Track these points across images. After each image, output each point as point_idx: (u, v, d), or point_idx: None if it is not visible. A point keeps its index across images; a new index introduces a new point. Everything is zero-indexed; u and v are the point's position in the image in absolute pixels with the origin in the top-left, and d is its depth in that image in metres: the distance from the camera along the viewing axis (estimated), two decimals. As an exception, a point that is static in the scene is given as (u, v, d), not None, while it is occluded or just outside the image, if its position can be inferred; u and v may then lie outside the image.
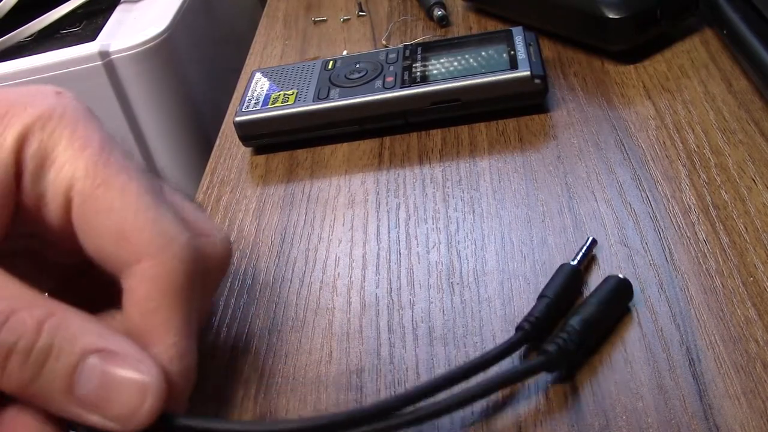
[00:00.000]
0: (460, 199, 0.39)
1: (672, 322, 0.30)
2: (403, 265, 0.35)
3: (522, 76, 0.42)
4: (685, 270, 0.32)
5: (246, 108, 0.45)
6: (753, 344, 0.28)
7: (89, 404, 0.24)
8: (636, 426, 0.26)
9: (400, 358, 0.31)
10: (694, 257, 0.32)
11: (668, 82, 0.43)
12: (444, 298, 0.33)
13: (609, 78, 0.45)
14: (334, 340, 0.33)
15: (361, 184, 0.41)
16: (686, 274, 0.32)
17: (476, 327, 0.32)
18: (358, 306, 0.34)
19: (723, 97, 0.41)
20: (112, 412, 0.24)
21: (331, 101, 0.44)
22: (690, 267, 0.32)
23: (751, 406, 0.26)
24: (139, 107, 0.62)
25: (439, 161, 0.42)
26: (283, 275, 0.37)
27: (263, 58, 0.58)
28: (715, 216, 0.34)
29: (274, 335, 0.34)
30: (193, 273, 0.27)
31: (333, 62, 0.48)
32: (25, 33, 0.64)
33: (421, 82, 0.43)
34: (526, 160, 0.40)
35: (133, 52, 0.60)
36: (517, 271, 0.34)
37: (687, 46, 0.46)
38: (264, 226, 0.40)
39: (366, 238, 0.38)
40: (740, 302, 0.30)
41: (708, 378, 0.27)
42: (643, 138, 0.39)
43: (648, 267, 0.32)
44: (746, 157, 0.37)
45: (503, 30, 0.46)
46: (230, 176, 0.45)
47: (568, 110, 0.43)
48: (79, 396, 0.24)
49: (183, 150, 0.66)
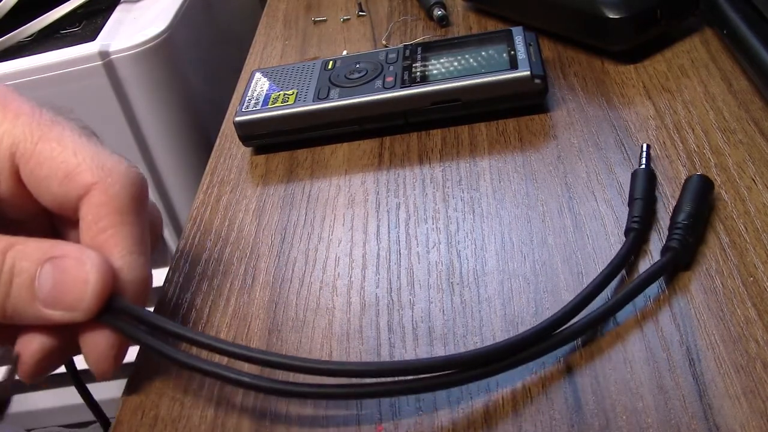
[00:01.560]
0: (460, 199, 0.39)
1: (672, 322, 0.30)
2: (403, 265, 0.35)
3: (522, 76, 0.42)
4: (685, 270, 0.32)
5: (246, 108, 0.45)
6: (753, 344, 0.28)
7: (50, 302, 0.28)
8: (636, 426, 0.26)
9: (400, 358, 0.31)
10: (694, 257, 0.32)
11: (668, 82, 0.43)
12: (444, 298, 0.33)
13: (609, 78, 0.45)
14: (334, 340, 0.33)
15: (361, 184, 0.41)
16: (686, 274, 0.32)
17: (476, 327, 0.32)
18: (358, 306, 0.34)
19: (723, 97, 0.41)
20: (67, 301, 0.28)
21: (331, 101, 0.44)
22: (690, 267, 0.32)
23: (751, 406, 0.26)
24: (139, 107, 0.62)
25: (439, 161, 0.42)
26: (283, 275, 0.37)
27: (263, 58, 0.58)
28: (715, 216, 0.34)
29: (274, 335, 0.34)
30: (135, 195, 0.30)
31: (333, 62, 0.48)
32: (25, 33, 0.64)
33: (421, 82, 0.43)
34: (526, 160, 0.40)
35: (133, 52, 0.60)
36: (517, 271, 0.34)
37: (687, 46, 0.46)
38: (264, 226, 0.40)
39: (366, 238, 0.38)
40: (740, 302, 0.30)
41: (708, 378, 0.27)
42: (643, 138, 0.39)
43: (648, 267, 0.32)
44: (746, 157, 0.37)
45: (503, 30, 0.46)
46: (230, 176, 0.45)
47: (568, 110, 0.43)
48: (42, 298, 0.28)
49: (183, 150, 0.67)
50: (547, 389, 0.29)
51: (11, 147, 0.29)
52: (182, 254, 0.39)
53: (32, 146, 0.29)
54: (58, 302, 0.28)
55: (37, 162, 0.29)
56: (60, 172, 0.29)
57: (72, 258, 0.28)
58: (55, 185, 0.29)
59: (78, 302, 0.28)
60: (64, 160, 0.29)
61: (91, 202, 0.29)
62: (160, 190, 0.67)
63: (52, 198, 0.30)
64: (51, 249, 0.29)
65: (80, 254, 0.29)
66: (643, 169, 0.36)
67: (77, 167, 0.29)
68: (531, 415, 0.28)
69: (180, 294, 0.37)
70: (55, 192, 0.30)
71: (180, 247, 0.40)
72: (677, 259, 0.32)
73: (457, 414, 0.28)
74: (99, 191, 0.29)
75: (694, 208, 0.33)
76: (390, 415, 0.29)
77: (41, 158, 0.29)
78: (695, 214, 0.33)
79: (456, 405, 0.29)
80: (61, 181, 0.29)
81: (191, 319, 0.35)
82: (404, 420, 0.29)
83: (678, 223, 0.32)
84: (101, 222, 0.29)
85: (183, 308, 0.36)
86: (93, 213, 0.29)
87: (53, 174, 0.29)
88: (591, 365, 0.29)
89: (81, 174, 0.29)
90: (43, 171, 0.29)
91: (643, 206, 0.34)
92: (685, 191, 0.34)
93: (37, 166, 0.29)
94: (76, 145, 0.30)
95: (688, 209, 0.33)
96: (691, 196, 0.33)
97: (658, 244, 0.33)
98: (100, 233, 0.29)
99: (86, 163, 0.30)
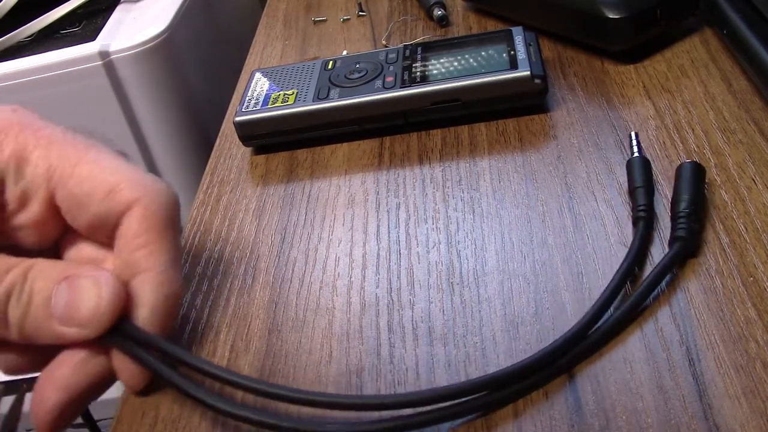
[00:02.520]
0: (460, 199, 0.39)
1: (672, 322, 0.30)
2: (403, 265, 0.35)
3: (522, 76, 0.42)
4: (685, 270, 0.32)
5: (246, 108, 0.45)
6: (753, 344, 0.28)
7: (65, 319, 0.29)
8: (636, 426, 0.26)
9: (400, 358, 0.31)
10: (694, 257, 0.32)
11: (668, 82, 0.43)
12: (444, 298, 0.33)
13: (609, 78, 0.45)
14: (334, 340, 0.33)
15: (361, 184, 0.41)
16: (686, 274, 0.32)
17: (476, 327, 0.32)
18: (358, 306, 0.34)
19: (723, 97, 0.41)
20: (80, 318, 0.29)
21: (331, 101, 0.44)
22: (690, 267, 0.32)
23: (751, 406, 0.26)
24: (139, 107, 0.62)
25: (439, 161, 0.42)
26: (283, 275, 0.37)
27: (263, 58, 0.58)
28: (715, 216, 0.34)
29: (274, 335, 0.34)
30: (173, 213, 0.32)
31: (333, 62, 0.48)
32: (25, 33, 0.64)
33: (421, 82, 0.43)
34: (526, 160, 0.40)
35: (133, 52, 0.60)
36: (517, 271, 0.34)
37: (687, 46, 0.46)
38: (264, 226, 0.40)
39: (366, 238, 0.38)
40: (740, 302, 0.30)
41: (708, 378, 0.27)
42: (643, 138, 0.39)
43: (648, 267, 0.32)
44: (746, 157, 0.37)
45: (503, 30, 0.46)
46: (230, 176, 0.45)
47: (568, 110, 0.43)
48: (57, 315, 0.29)
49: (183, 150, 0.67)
50: (547, 389, 0.29)
51: (48, 171, 0.30)
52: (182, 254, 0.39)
53: (71, 169, 0.30)
54: (72, 319, 0.29)
55: (78, 182, 0.30)
56: (101, 191, 0.30)
57: (86, 277, 0.29)
58: (95, 203, 0.30)
59: (91, 318, 0.29)
60: (104, 180, 0.30)
61: (132, 218, 0.30)
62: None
63: (90, 216, 0.31)
64: (66, 269, 0.30)
65: (94, 274, 0.30)
66: (638, 157, 0.36)
67: (118, 185, 0.30)
68: (531, 415, 0.28)
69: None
70: (95, 210, 0.30)
71: (180, 247, 0.40)
72: (687, 247, 0.32)
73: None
74: (140, 208, 0.30)
75: (693, 194, 0.33)
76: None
77: (81, 178, 0.30)
78: (695, 201, 0.33)
79: (456, 405, 0.29)
80: (102, 198, 0.30)
81: (191, 319, 0.35)
82: (404, 420, 0.29)
83: (681, 212, 0.33)
84: (141, 237, 0.30)
85: (183, 308, 0.36)
86: (134, 227, 0.30)
87: (94, 192, 0.30)
88: (591, 365, 0.29)
89: (122, 191, 0.30)
90: (84, 189, 0.30)
91: (646, 194, 0.34)
92: (680, 179, 0.34)
93: (77, 185, 0.30)
94: (114, 165, 0.31)
95: (687, 197, 0.33)
96: (687, 183, 0.34)
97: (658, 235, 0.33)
98: (140, 248, 0.30)
99: (126, 181, 0.31)
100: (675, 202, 0.33)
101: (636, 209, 0.34)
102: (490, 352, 0.30)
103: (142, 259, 0.30)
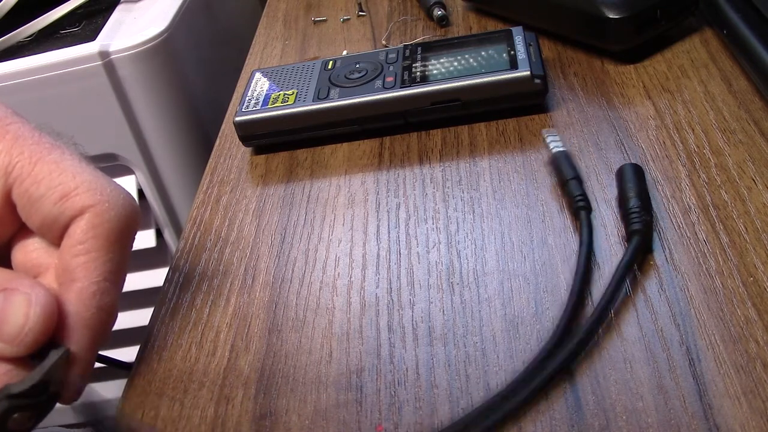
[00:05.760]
0: (460, 199, 0.39)
1: (672, 322, 0.30)
2: (403, 265, 0.35)
3: (522, 76, 0.42)
4: (685, 270, 0.32)
5: (246, 108, 0.45)
6: (753, 344, 0.28)
7: None
8: (636, 426, 0.26)
9: (400, 358, 0.31)
10: (694, 257, 0.32)
11: (668, 82, 0.43)
12: (444, 298, 0.33)
13: (609, 78, 0.45)
14: (334, 340, 0.33)
15: (361, 184, 0.41)
16: (686, 274, 0.32)
17: (476, 327, 0.32)
18: (358, 306, 0.34)
19: (723, 97, 0.41)
20: (6, 335, 0.28)
21: (331, 101, 0.44)
22: (690, 267, 0.32)
23: (751, 406, 0.26)
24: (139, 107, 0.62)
25: (439, 161, 0.42)
26: (283, 275, 0.37)
27: (263, 58, 0.58)
28: (715, 216, 0.34)
29: (274, 335, 0.34)
30: (126, 224, 0.30)
31: (333, 62, 0.48)
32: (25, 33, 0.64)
33: (421, 82, 0.43)
34: (526, 160, 0.40)
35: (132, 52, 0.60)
36: (517, 271, 0.34)
37: (687, 46, 0.46)
38: (264, 226, 0.40)
39: (366, 238, 0.38)
40: (740, 302, 0.30)
41: (708, 378, 0.27)
42: (643, 138, 0.39)
43: (648, 267, 0.32)
44: (746, 157, 0.37)
45: (503, 30, 0.46)
46: (230, 176, 0.45)
47: (568, 110, 0.43)
48: None
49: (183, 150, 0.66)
50: (546, 389, 0.29)
51: (7, 166, 0.30)
52: (182, 254, 0.40)
53: (30, 166, 0.30)
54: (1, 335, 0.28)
55: (34, 181, 0.30)
56: (57, 193, 0.30)
57: (21, 293, 0.28)
58: (49, 205, 0.30)
59: (17, 334, 0.28)
60: (62, 182, 0.30)
61: (80, 224, 0.30)
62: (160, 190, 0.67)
63: (42, 217, 0.30)
64: (7, 281, 0.29)
65: (28, 291, 0.28)
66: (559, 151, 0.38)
67: (75, 189, 0.30)
68: (531, 415, 0.28)
69: (180, 294, 0.37)
70: (48, 211, 0.30)
71: (180, 247, 0.40)
72: (647, 240, 0.33)
73: (456, 414, 0.28)
74: (93, 214, 0.30)
75: (639, 192, 0.34)
76: (390, 415, 0.29)
77: (38, 178, 0.30)
78: (642, 194, 0.34)
79: (456, 405, 0.29)
80: (57, 201, 0.30)
81: (191, 319, 0.35)
82: (404, 420, 0.29)
83: (632, 208, 0.34)
84: (86, 243, 0.30)
85: (183, 308, 0.36)
86: (81, 231, 0.30)
87: (49, 193, 0.30)
88: (591, 365, 0.29)
89: (78, 196, 0.30)
90: (39, 190, 0.30)
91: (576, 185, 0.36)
92: (624, 180, 0.35)
93: (33, 184, 0.30)
94: (75, 168, 0.30)
95: (633, 195, 0.34)
96: (631, 182, 0.35)
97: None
98: (82, 254, 0.30)
99: (84, 185, 0.30)
100: (624, 200, 0.34)
101: (575, 200, 0.35)
102: (490, 352, 0.30)
103: (80, 266, 0.30)
